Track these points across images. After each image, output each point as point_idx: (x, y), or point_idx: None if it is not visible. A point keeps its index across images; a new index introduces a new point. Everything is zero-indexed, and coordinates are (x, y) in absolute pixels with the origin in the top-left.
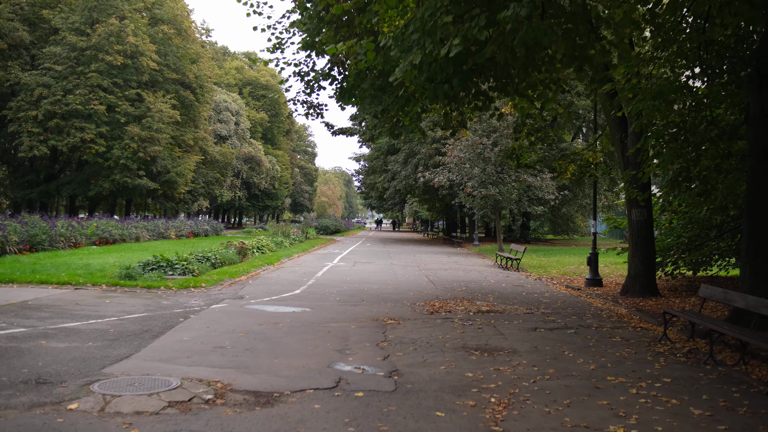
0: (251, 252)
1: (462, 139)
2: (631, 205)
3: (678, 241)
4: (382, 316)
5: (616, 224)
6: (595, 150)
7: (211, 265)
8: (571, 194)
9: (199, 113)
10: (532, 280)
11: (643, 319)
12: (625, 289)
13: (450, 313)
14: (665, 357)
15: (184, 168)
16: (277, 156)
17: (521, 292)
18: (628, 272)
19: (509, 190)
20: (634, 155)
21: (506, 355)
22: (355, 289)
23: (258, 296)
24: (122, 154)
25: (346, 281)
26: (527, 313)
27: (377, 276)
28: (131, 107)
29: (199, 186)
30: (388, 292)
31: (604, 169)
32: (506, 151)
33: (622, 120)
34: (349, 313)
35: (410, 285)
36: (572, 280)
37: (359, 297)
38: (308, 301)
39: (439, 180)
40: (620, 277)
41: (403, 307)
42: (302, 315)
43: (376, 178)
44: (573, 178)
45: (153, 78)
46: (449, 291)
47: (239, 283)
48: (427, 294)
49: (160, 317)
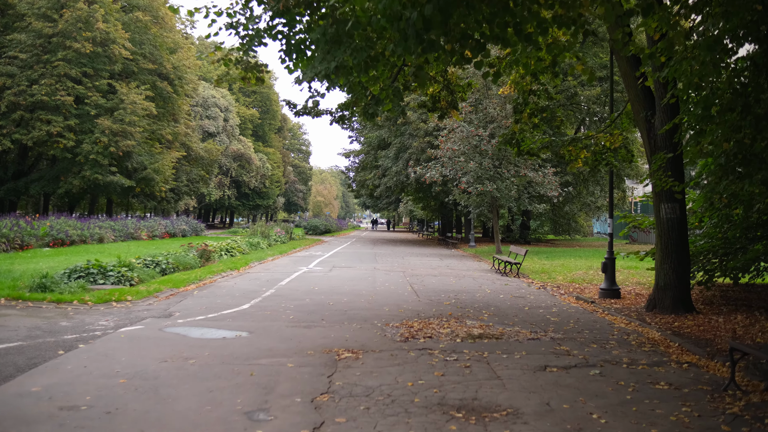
0: (217, 255)
1: (456, 131)
2: (660, 200)
3: (712, 244)
4: (339, 346)
5: (636, 223)
6: (613, 132)
7: (161, 272)
8: (575, 191)
9: (179, 106)
10: (535, 289)
11: (685, 348)
12: (651, 303)
13: (431, 339)
14: (747, 425)
15: (162, 164)
16: (268, 154)
17: (523, 306)
18: (656, 282)
19: (508, 186)
20: (666, 135)
21: (504, 421)
22: (320, 302)
23: (192, 313)
24: (92, 149)
25: (312, 291)
26: (532, 339)
27: (353, 284)
28: (102, 99)
29: (182, 184)
30: (359, 307)
31: (624, 155)
32: (505, 136)
33: (647, 94)
34: (297, 340)
35: (389, 296)
36: (583, 289)
37: (320, 314)
38: (252, 320)
39: (430, 175)
40: (638, 285)
41: (370, 330)
42: (231, 344)
43: (366, 174)
44: (586, 167)
45: (127, 68)
46: (435, 305)
47: (180, 294)
48: (406, 309)
49: (36, 348)
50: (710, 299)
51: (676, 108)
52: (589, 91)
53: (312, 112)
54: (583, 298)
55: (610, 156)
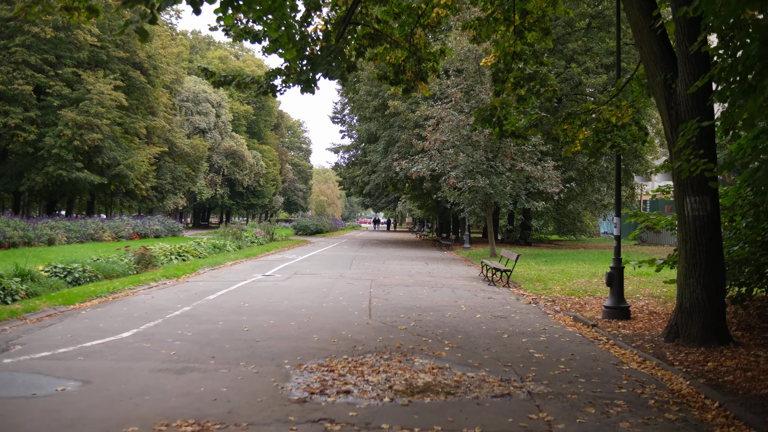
0: (166, 259)
1: (446, 120)
2: (684, 191)
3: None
4: (190, 415)
5: (649, 223)
6: (620, 104)
7: (72, 282)
8: (579, 188)
9: (155, 98)
10: (525, 304)
11: (732, 414)
12: (672, 330)
13: (346, 396)
14: None
15: (136, 160)
16: (263, 151)
17: (502, 331)
18: (679, 302)
19: (503, 182)
20: (694, 100)
21: None
22: (233, 327)
23: (42, 347)
24: (55, 143)
25: (237, 309)
26: (499, 397)
27: (299, 298)
28: (67, 89)
29: (165, 182)
30: (280, 335)
31: (635, 132)
32: (482, 113)
33: (666, 50)
34: (137, 399)
35: (332, 317)
36: (583, 305)
37: (217, 347)
38: (111, 359)
39: (417, 170)
40: (651, 299)
41: (265, 377)
42: (32, 407)
43: (355, 170)
44: (585, 150)
45: (96, 56)
46: (386, 330)
47: (62, 314)
48: (343, 338)
49: None
50: (747, 322)
51: (706, 63)
52: (594, 79)
53: (232, 81)
54: (582, 320)
55: (616, 135)
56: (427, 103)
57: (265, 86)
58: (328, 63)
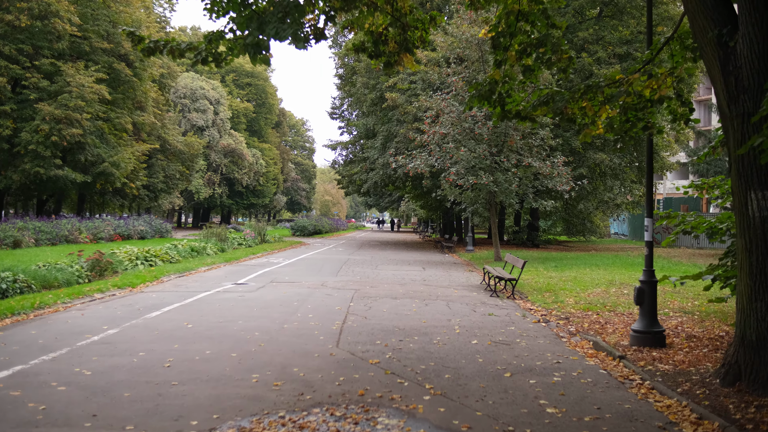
0: (127, 264)
1: (446, 111)
2: (747, 184)
3: None
4: None
5: (686, 226)
6: (655, 72)
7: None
8: (590, 186)
9: (143, 92)
10: (533, 323)
11: None
12: (732, 370)
13: None
14: None
15: (121, 158)
16: (263, 150)
17: (503, 367)
18: (740, 332)
19: (508, 179)
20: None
21: None
22: (150, 361)
23: None
24: (32, 138)
25: (172, 334)
26: None
27: (259, 316)
28: (45, 81)
29: (158, 181)
30: (208, 374)
31: (675, 108)
32: (479, 88)
33: None
34: None
35: (286, 344)
36: (603, 325)
37: (100, 402)
38: None
39: (414, 166)
40: (684, 316)
41: None
42: None
43: (353, 168)
44: (609, 134)
45: (77, 47)
46: (351, 366)
47: None
48: (290, 381)
49: None
50: None
51: None
52: (606, 69)
53: (165, 47)
54: (605, 347)
55: (650, 113)
56: (426, 94)
57: (204, 53)
58: (279, 20)
